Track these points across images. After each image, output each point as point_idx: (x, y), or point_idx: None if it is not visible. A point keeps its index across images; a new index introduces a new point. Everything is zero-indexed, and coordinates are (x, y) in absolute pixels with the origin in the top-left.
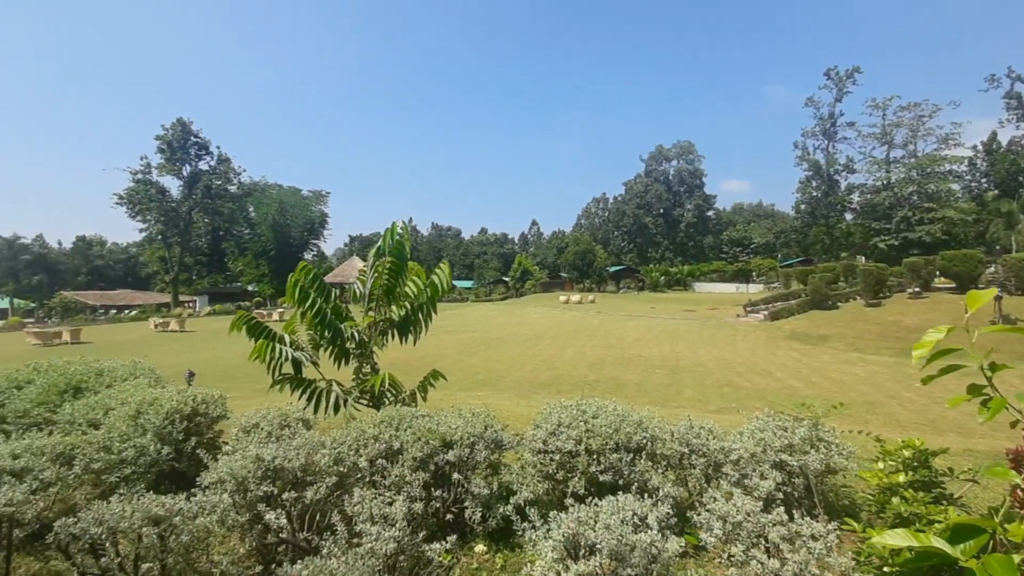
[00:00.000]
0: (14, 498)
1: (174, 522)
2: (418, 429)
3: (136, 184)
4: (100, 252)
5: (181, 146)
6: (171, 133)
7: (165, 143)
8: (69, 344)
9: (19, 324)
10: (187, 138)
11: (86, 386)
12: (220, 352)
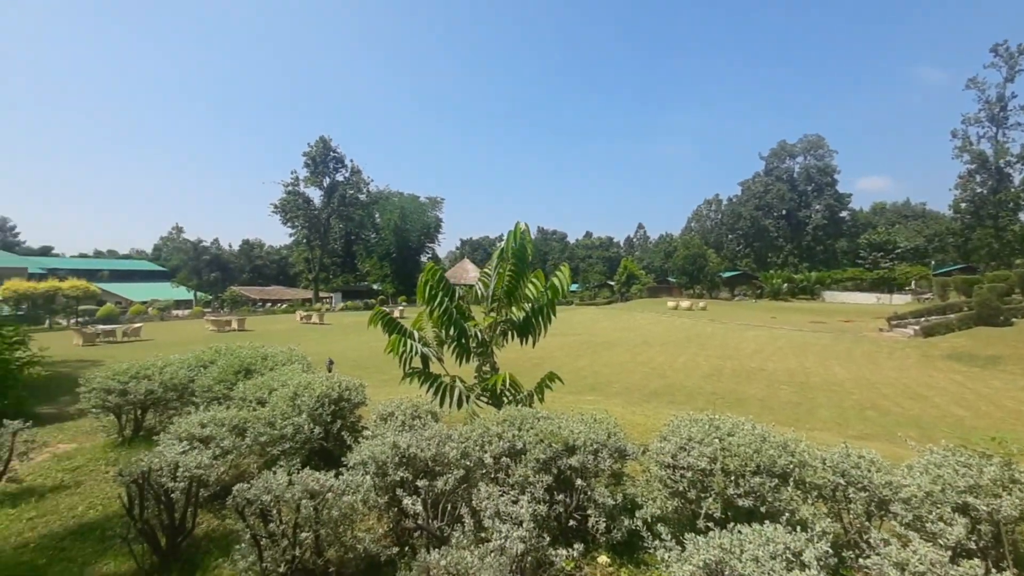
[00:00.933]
0: (202, 462)
1: (327, 497)
2: (540, 431)
3: (287, 195)
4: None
5: (322, 160)
6: (315, 150)
7: (310, 159)
8: (237, 331)
9: (201, 313)
10: (327, 153)
11: (254, 368)
12: (351, 344)
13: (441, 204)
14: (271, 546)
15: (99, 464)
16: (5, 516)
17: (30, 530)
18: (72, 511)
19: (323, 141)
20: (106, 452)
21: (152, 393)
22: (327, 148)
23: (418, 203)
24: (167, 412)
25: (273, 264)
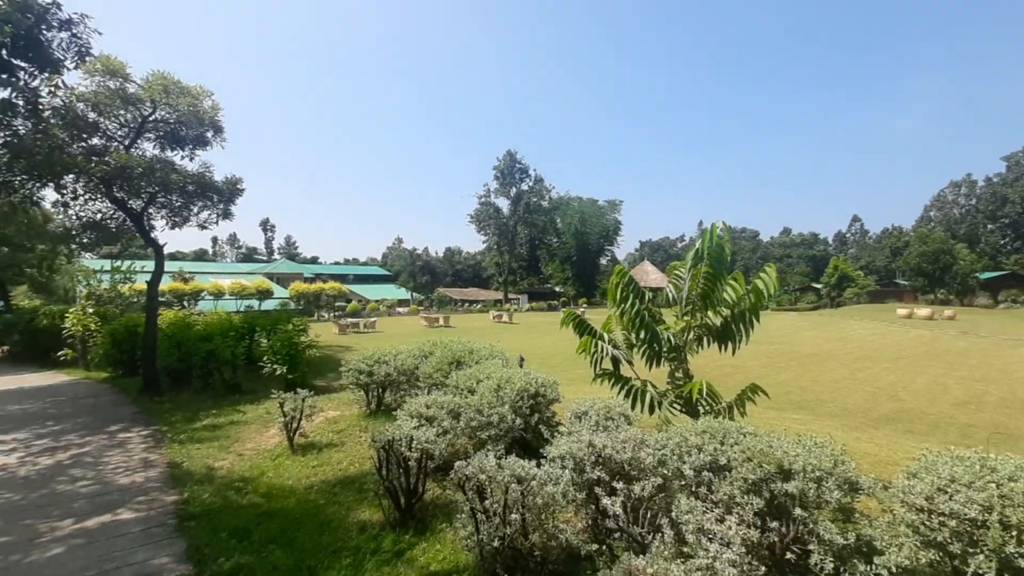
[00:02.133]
0: (429, 437)
1: (531, 485)
2: (747, 448)
3: (480, 206)
4: (459, 259)
5: (509, 172)
6: (503, 163)
7: (499, 171)
8: (443, 327)
9: (416, 311)
10: (513, 165)
11: (463, 360)
12: (538, 342)
13: (619, 207)
14: (485, 521)
15: (355, 430)
16: (298, 462)
17: (314, 475)
18: (339, 465)
19: (510, 154)
20: (360, 420)
21: (389, 376)
22: (513, 160)
23: (596, 207)
24: (399, 392)
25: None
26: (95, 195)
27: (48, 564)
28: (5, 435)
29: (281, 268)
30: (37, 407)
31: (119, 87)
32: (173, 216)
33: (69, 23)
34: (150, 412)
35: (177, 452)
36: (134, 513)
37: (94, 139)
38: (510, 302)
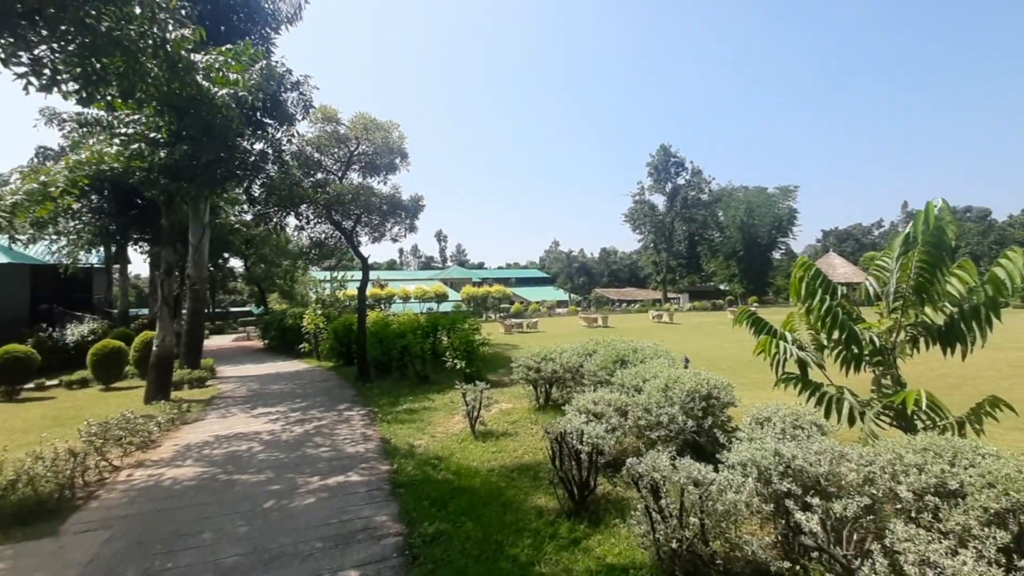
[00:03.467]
0: (600, 433)
1: (710, 489)
2: (987, 471)
3: (635, 204)
4: (614, 259)
5: (664, 167)
6: (656, 158)
7: (653, 167)
8: (602, 327)
9: (575, 311)
10: (668, 159)
11: (628, 359)
12: (702, 344)
13: (794, 193)
14: (661, 521)
15: (526, 422)
16: (480, 447)
17: (494, 460)
18: (515, 453)
19: (664, 149)
20: (530, 413)
21: (555, 372)
22: (667, 155)
23: (765, 196)
24: (565, 388)
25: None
26: (321, 219)
27: (305, 510)
28: (271, 408)
29: (453, 274)
30: (289, 387)
31: (333, 130)
32: (373, 232)
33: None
34: (364, 395)
35: (386, 430)
36: (360, 477)
37: (318, 174)
38: (670, 301)
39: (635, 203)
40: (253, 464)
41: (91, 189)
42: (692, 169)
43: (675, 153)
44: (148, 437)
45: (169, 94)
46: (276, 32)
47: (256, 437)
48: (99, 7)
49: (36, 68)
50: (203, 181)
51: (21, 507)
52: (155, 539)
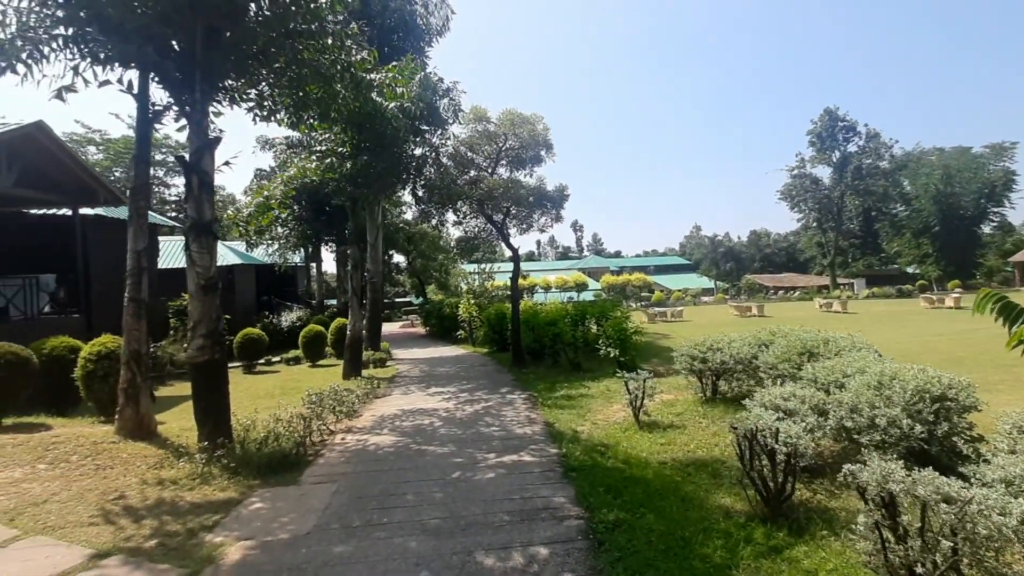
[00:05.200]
0: (796, 432)
1: (968, 509)
2: None
3: (792, 179)
4: (767, 242)
5: (829, 134)
6: (819, 125)
7: (815, 136)
8: (756, 316)
9: (723, 300)
10: (834, 125)
11: (817, 351)
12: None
13: (1011, 151)
14: (896, 541)
15: (694, 415)
16: (646, 438)
17: (663, 451)
18: (685, 446)
19: (828, 113)
20: (696, 406)
21: (724, 364)
22: (834, 119)
23: (970, 157)
24: (735, 381)
25: (781, 251)
26: (475, 214)
27: (488, 484)
28: (442, 388)
29: (590, 263)
30: (454, 370)
31: (484, 128)
32: (521, 224)
33: (448, 91)
34: (521, 380)
35: (548, 414)
36: (532, 458)
37: (471, 172)
38: (840, 287)
39: (793, 178)
40: (436, 438)
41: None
42: (867, 133)
43: (843, 117)
44: (352, 407)
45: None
46: (429, 45)
47: (435, 413)
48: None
49: (260, 101)
50: (379, 186)
51: (271, 458)
52: (370, 495)
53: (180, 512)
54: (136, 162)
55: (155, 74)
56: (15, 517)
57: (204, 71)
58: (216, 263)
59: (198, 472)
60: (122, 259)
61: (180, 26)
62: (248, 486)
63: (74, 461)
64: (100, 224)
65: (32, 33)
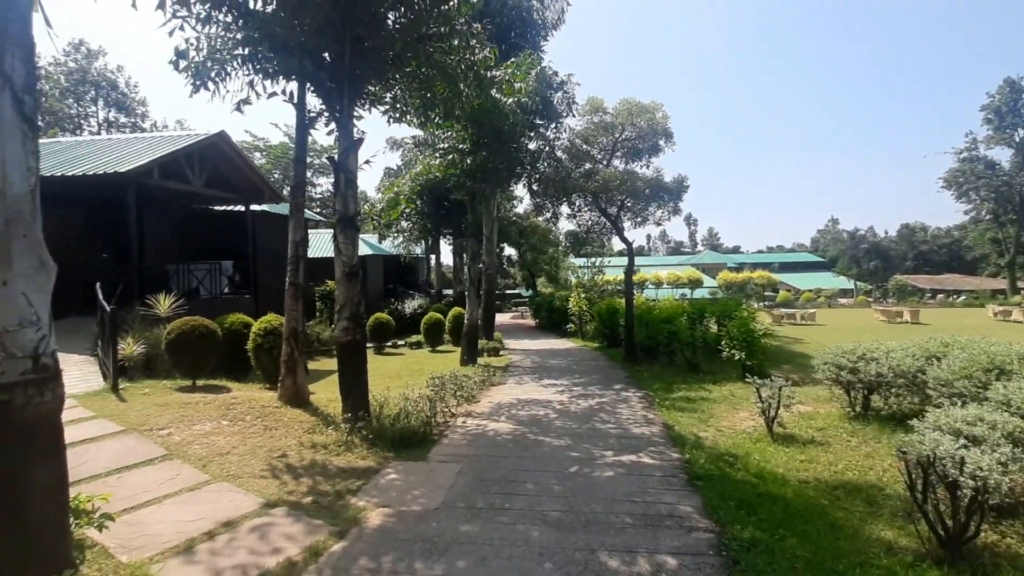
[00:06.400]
0: (988, 464)
1: None
2: None
3: (960, 163)
4: (923, 238)
5: (1011, 109)
6: (998, 99)
7: (991, 111)
8: (909, 323)
9: (865, 302)
10: (1017, 98)
11: (1010, 368)
12: None
13: None
14: None
15: (840, 431)
16: (781, 452)
17: (804, 469)
18: (832, 466)
19: (1010, 84)
20: (842, 421)
21: (880, 376)
22: (1016, 91)
23: None
24: (891, 396)
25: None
26: (589, 207)
27: (607, 483)
28: (555, 381)
29: (705, 259)
30: (565, 363)
31: (600, 120)
32: (635, 217)
33: (562, 84)
34: (636, 378)
35: (667, 416)
36: (651, 460)
37: (586, 164)
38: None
39: (961, 162)
40: (552, 429)
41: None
42: None
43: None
44: (470, 393)
45: (474, 110)
46: (544, 39)
47: (549, 405)
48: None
49: (393, 104)
50: (495, 181)
51: (403, 434)
52: (492, 480)
53: (329, 474)
54: (295, 163)
55: (311, 84)
56: (207, 464)
57: (350, 79)
58: (357, 253)
59: (343, 440)
60: (282, 248)
61: (332, 39)
62: (384, 457)
63: (248, 420)
64: (265, 218)
65: (219, 55)
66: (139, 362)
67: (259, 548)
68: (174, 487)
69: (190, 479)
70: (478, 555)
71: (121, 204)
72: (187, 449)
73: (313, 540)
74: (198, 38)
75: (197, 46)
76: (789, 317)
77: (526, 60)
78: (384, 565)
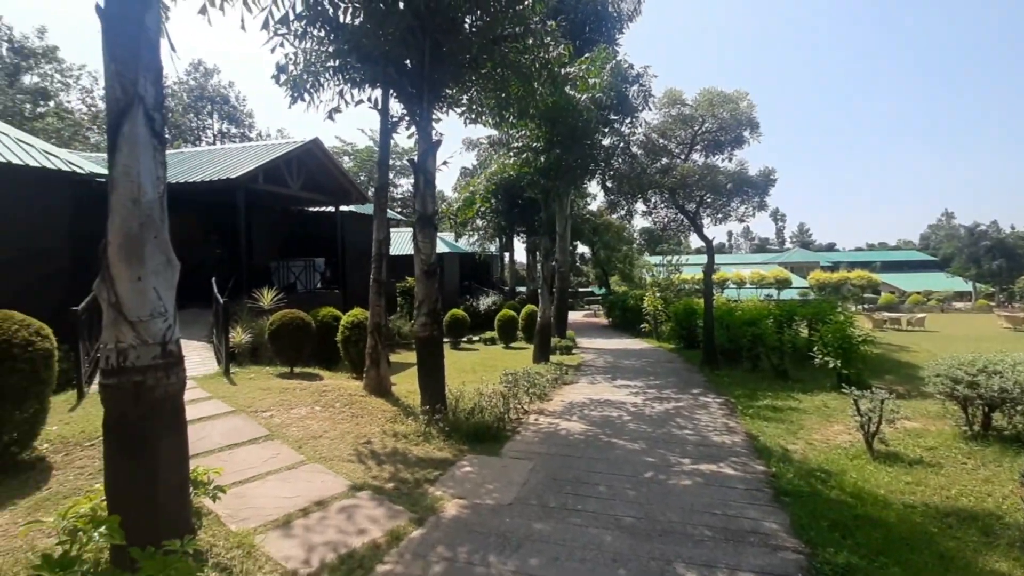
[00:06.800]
0: None
1: None
2: None
3: None
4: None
5: None
6: None
7: None
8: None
9: (985, 307)
10: None
11: None
12: None
13: None
14: None
15: (954, 452)
16: (883, 471)
17: (909, 492)
18: (943, 491)
19: None
20: (956, 441)
21: (1006, 392)
22: None
23: None
24: (1017, 416)
25: None
26: (666, 203)
27: (685, 492)
28: (629, 382)
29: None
30: (639, 364)
31: (678, 112)
32: (716, 213)
33: (638, 77)
34: (715, 382)
35: (750, 425)
36: (733, 471)
37: (662, 159)
38: None
39: None
40: (626, 432)
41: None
42: None
43: None
44: (543, 391)
45: (548, 108)
46: (620, 32)
47: (623, 407)
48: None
49: (469, 105)
50: (569, 179)
51: (477, 428)
52: (564, 480)
53: (409, 463)
54: (379, 165)
55: (394, 90)
56: (302, 445)
57: (429, 84)
58: (435, 251)
59: (421, 431)
60: (366, 246)
61: (413, 46)
62: (459, 450)
63: (337, 407)
64: (352, 218)
65: (313, 67)
66: (246, 349)
67: (346, 528)
68: (274, 465)
69: (288, 459)
70: (550, 554)
71: (231, 207)
72: (285, 431)
73: (394, 525)
74: (296, 53)
75: (295, 60)
76: (893, 322)
77: (600, 55)
78: (460, 555)
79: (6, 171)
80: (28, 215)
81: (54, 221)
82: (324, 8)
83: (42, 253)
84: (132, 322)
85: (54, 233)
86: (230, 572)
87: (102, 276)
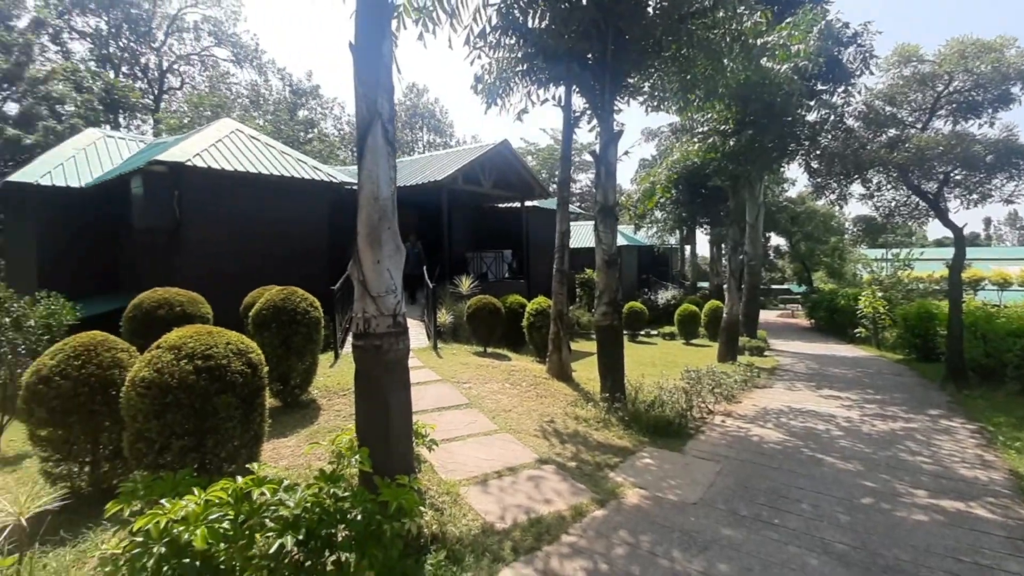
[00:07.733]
0: None
1: None
2: None
3: None
4: None
5: None
6: None
7: None
8: None
9: None
10: None
11: None
12: None
13: None
14: None
15: None
16: None
17: None
18: None
19: None
20: None
21: None
22: None
23: None
24: None
25: None
26: (894, 184)
27: (918, 528)
28: (838, 392)
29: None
30: (852, 373)
31: (913, 72)
32: (968, 194)
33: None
34: (963, 404)
35: (1016, 461)
36: (989, 514)
37: (890, 130)
38: None
39: None
40: (835, 448)
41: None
42: None
43: None
44: (730, 392)
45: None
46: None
47: (831, 420)
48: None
49: (651, 93)
50: (763, 162)
51: (657, 421)
52: (756, 489)
53: (589, 446)
54: (562, 160)
55: (576, 86)
56: (495, 416)
57: (612, 74)
58: (616, 241)
59: (601, 417)
60: (547, 239)
61: (596, 39)
62: (639, 441)
63: (523, 387)
64: (534, 212)
65: (505, 74)
66: (449, 329)
67: (534, 495)
68: (473, 430)
69: (484, 426)
70: (742, 564)
71: (434, 205)
72: (481, 402)
73: (577, 501)
74: (490, 63)
75: (489, 69)
76: None
77: (807, 16)
78: (642, 543)
79: (294, 183)
80: (306, 216)
81: (319, 220)
82: (515, 17)
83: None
84: (374, 296)
85: (319, 230)
86: (441, 512)
87: (354, 259)
